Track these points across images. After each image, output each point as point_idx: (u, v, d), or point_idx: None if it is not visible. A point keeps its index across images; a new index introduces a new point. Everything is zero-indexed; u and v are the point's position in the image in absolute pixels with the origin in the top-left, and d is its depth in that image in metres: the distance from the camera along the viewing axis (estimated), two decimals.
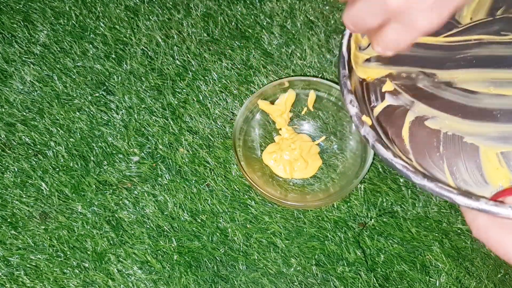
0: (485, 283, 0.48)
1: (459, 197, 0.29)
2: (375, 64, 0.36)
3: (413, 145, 0.35)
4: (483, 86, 0.36)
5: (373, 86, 0.36)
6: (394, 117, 0.36)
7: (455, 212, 0.50)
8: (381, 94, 0.36)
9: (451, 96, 0.36)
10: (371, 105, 0.36)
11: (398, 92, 0.36)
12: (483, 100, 0.35)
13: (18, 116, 0.54)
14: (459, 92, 0.36)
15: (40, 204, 0.51)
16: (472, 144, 0.35)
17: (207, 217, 0.50)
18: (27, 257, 0.49)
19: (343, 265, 0.49)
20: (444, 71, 0.36)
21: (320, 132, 0.52)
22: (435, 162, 0.35)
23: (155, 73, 0.55)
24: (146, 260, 0.49)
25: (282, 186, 0.51)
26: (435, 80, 0.36)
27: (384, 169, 0.51)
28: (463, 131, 0.35)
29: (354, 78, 0.35)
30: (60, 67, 0.55)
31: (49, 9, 0.57)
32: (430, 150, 0.35)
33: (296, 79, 0.50)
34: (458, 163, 0.35)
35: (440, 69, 0.36)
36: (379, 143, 0.32)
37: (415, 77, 0.37)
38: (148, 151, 0.52)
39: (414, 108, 0.36)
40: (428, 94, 0.36)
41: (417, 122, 0.36)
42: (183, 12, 0.57)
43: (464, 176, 0.34)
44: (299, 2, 0.56)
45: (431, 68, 0.36)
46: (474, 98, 0.36)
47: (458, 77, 0.36)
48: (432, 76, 0.36)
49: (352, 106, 0.33)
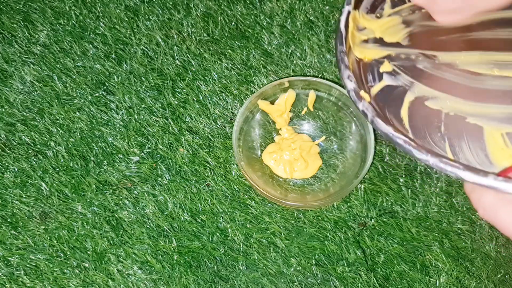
0: (485, 283, 0.48)
1: (466, 173, 0.27)
2: (373, 45, 0.36)
3: (413, 125, 0.34)
4: (486, 68, 0.35)
5: (370, 66, 0.35)
6: (392, 97, 0.35)
7: (455, 212, 0.50)
8: (378, 74, 0.35)
9: (453, 77, 0.35)
10: (368, 85, 0.35)
11: (397, 72, 0.35)
12: (486, 81, 0.34)
13: (18, 116, 0.54)
14: (461, 74, 0.35)
15: (40, 204, 0.51)
16: (476, 124, 0.34)
17: (207, 217, 0.50)
18: (27, 257, 0.49)
19: (343, 265, 0.49)
20: (445, 53, 0.35)
21: (320, 132, 0.52)
22: (436, 143, 0.33)
23: (155, 73, 0.55)
24: (146, 260, 0.49)
25: (282, 186, 0.51)
26: (436, 62, 0.35)
27: (384, 169, 0.51)
28: (465, 112, 0.34)
29: (352, 57, 0.34)
30: (60, 67, 0.55)
31: (49, 9, 0.57)
32: (431, 130, 0.34)
33: (296, 79, 0.50)
34: (461, 143, 0.33)
35: (441, 51, 0.35)
36: (378, 118, 0.31)
37: (415, 58, 0.35)
38: (148, 151, 0.52)
39: (413, 88, 0.35)
40: (429, 75, 0.35)
41: (416, 103, 0.35)
42: (183, 12, 0.57)
43: (468, 156, 0.33)
44: (299, 2, 0.56)
45: (431, 50, 0.35)
46: (477, 79, 0.34)
47: (460, 59, 0.35)
48: (433, 58, 0.35)
49: (350, 81, 0.32)
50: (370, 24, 0.37)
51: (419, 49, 0.36)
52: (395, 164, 0.51)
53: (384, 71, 0.35)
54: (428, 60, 0.35)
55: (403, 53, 0.36)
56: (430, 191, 0.50)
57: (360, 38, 0.35)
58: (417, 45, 0.36)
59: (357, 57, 0.35)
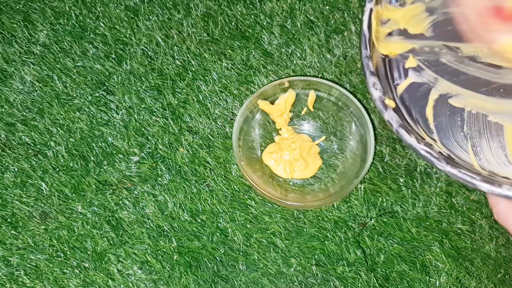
0: (485, 283, 0.48)
1: (482, 184, 0.29)
2: (398, 38, 0.35)
3: (437, 124, 0.34)
4: (508, 60, 0.34)
5: (396, 62, 0.35)
6: (417, 95, 0.35)
7: (455, 212, 0.50)
8: (404, 71, 0.35)
9: (475, 71, 0.35)
10: (394, 83, 0.35)
11: (421, 68, 0.35)
12: (508, 75, 0.34)
13: (18, 116, 0.54)
14: (483, 67, 0.35)
15: (40, 204, 0.51)
16: (497, 122, 0.34)
17: (207, 217, 0.50)
18: (27, 257, 0.49)
19: (343, 265, 0.49)
20: (468, 45, 0.35)
21: (320, 132, 0.52)
22: (459, 142, 0.34)
23: (155, 73, 0.55)
24: (146, 260, 0.49)
25: (282, 186, 0.51)
26: (459, 55, 0.35)
27: (384, 169, 0.51)
28: (487, 109, 0.34)
29: (376, 57, 0.34)
30: (60, 67, 0.55)
31: (49, 9, 0.57)
32: (454, 129, 0.34)
33: (296, 79, 0.50)
34: (482, 142, 0.34)
35: (464, 42, 0.35)
36: (402, 129, 0.31)
37: (439, 51, 0.35)
38: (148, 151, 0.52)
39: (437, 85, 0.35)
40: (452, 70, 0.35)
41: (440, 100, 0.35)
42: (183, 12, 0.57)
43: (488, 156, 0.33)
44: (299, 2, 0.56)
45: (454, 41, 0.35)
46: (498, 73, 0.34)
47: (482, 50, 0.35)
48: (456, 50, 0.35)
49: (375, 89, 0.32)
50: (394, 15, 0.36)
51: (442, 41, 0.35)
52: (395, 164, 0.51)
53: (409, 66, 0.35)
54: (452, 53, 0.35)
55: (427, 46, 0.36)
56: (430, 191, 0.50)
57: (385, 32, 0.35)
58: (440, 36, 0.35)
59: (382, 54, 0.35)
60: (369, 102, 0.53)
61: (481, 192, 0.31)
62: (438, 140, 0.34)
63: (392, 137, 0.52)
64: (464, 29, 0.35)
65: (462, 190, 0.50)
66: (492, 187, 0.29)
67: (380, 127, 0.52)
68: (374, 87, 0.32)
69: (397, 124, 0.32)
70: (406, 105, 0.35)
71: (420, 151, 0.31)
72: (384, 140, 0.52)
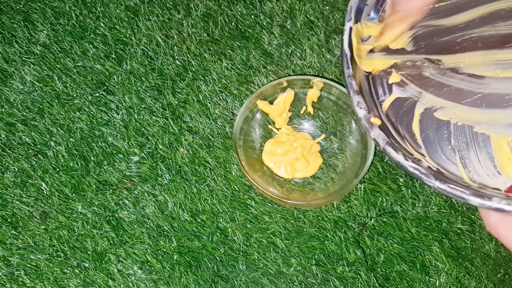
0: (485, 283, 0.48)
1: (472, 198, 0.29)
2: (379, 54, 0.36)
3: (425, 139, 0.35)
4: (490, 69, 0.34)
5: (380, 78, 0.36)
6: (403, 111, 0.35)
7: (455, 212, 0.50)
8: (388, 87, 0.36)
9: (458, 83, 0.35)
10: (379, 100, 0.35)
11: (405, 83, 0.36)
12: (491, 85, 0.34)
13: (18, 116, 0.54)
14: (466, 78, 0.35)
15: (40, 204, 0.51)
16: (483, 133, 0.34)
17: (207, 217, 0.50)
18: (27, 257, 0.49)
19: (343, 265, 0.49)
20: (449, 56, 0.35)
21: (320, 132, 0.53)
22: (447, 156, 0.34)
23: (155, 73, 0.55)
24: (146, 260, 0.49)
25: (283, 185, 0.51)
26: (441, 67, 0.35)
27: (384, 169, 0.51)
28: (473, 120, 0.34)
29: (359, 75, 0.34)
30: (60, 67, 0.55)
31: (49, 9, 0.57)
32: (442, 143, 0.34)
33: (294, 79, 0.50)
34: (471, 154, 0.34)
35: (445, 54, 0.35)
36: (389, 146, 0.31)
37: (421, 64, 0.36)
38: (148, 151, 0.52)
39: (422, 99, 0.35)
40: (435, 82, 0.35)
41: (426, 114, 0.35)
42: (183, 12, 0.57)
43: (477, 168, 0.33)
44: (299, 2, 0.56)
45: (436, 54, 0.36)
46: (481, 83, 0.34)
47: (464, 61, 0.35)
48: (438, 63, 0.35)
49: (360, 108, 0.32)
50: (374, 31, 0.37)
51: (424, 54, 0.36)
52: (395, 164, 0.51)
53: (393, 81, 0.36)
54: (434, 66, 0.35)
55: (409, 60, 0.36)
56: (430, 191, 0.50)
57: (366, 49, 0.36)
58: (421, 49, 0.36)
59: (365, 71, 0.35)
60: None
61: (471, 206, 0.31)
62: (427, 154, 0.34)
63: None
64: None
65: None
66: (483, 201, 0.29)
67: None
68: (359, 106, 0.32)
69: (384, 142, 0.32)
70: (392, 121, 0.35)
71: (408, 168, 0.31)
72: None
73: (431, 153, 0.34)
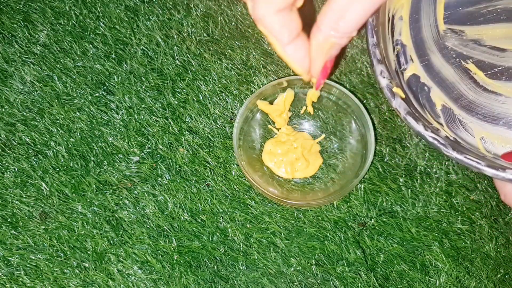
0: (485, 283, 0.48)
1: (487, 169, 0.30)
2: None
3: (443, 109, 0.35)
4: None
5: (403, 48, 0.35)
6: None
7: (455, 212, 0.50)
8: (410, 55, 0.35)
9: (480, 55, 0.35)
10: (401, 68, 0.35)
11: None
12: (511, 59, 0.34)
13: (18, 116, 0.54)
14: (488, 50, 0.35)
15: (40, 204, 0.51)
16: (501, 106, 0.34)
17: (207, 217, 0.50)
18: (27, 257, 0.49)
19: (343, 265, 0.49)
20: (472, 27, 0.35)
21: (320, 132, 0.53)
22: (464, 126, 0.34)
23: (155, 73, 0.55)
24: (146, 260, 0.49)
25: (283, 185, 0.51)
26: (464, 38, 0.35)
27: (384, 169, 0.51)
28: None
29: (383, 43, 0.34)
30: (60, 67, 0.55)
31: (49, 9, 0.57)
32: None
33: (294, 79, 0.50)
34: (487, 125, 0.34)
35: (469, 25, 0.35)
36: (410, 116, 0.31)
37: (444, 35, 0.35)
38: (148, 151, 0.52)
39: None
40: (457, 53, 0.35)
41: None
42: (183, 12, 0.57)
43: (492, 139, 0.34)
44: None
45: (459, 24, 0.35)
46: (502, 56, 0.34)
47: (486, 33, 0.35)
48: (460, 34, 0.35)
49: (383, 77, 0.32)
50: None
51: (447, 24, 0.35)
52: (395, 164, 0.51)
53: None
54: (456, 36, 0.35)
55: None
56: (430, 191, 0.50)
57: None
58: (446, 19, 0.35)
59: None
60: (369, 102, 0.53)
61: (486, 176, 0.31)
62: (445, 124, 0.34)
63: (392, 137, 0.52)
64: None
65: (462, 190, 0.50)
66: (497, 172, 0.29)
67: (380, 127, 0.52)
68: (382, 75, 0.32)
69: (405, 111, 0.31)
70: (413, 90, 0.35)
71: (428, 138, 0.31)
72: (384, 140, 0.52)
73: (449, 123, 0.34)
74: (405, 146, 0.51)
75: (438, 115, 0.35)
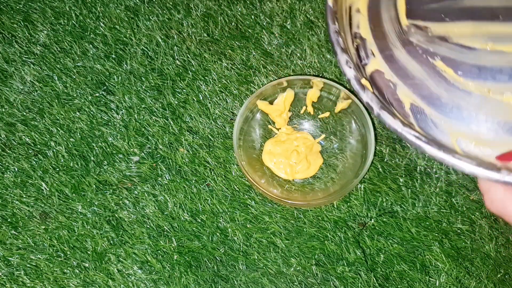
0: (485, 283, 0.48)
1: (479, 169, 0.27)
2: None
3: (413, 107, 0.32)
4: (481, 41, 0.32)
5: (363, 41, 0.33)
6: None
7: (455, 212, 0.50)
8: (371, 50, 0.33)
9: (447, 52, 0.32)
10: (362, 63, 0.32)
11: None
12: (482, 57, 0.32)
13: (18, 116, 0.54)
14: (455, 48, 0.32)
15: (40, 204, 0.51)
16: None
17: (207, 217, 0.50)
18: (27, 257, 0.49)
19: (343, 265, 0.49)
20: (437, 24, 0.33)
21: (320, 132, 0.53)
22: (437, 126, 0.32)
23: (155, 73, 0.55)
24: (146, 260, 0.49)
25: (283, 185, 0.51)
26: (429, 35, 0.33)
27: (384, 169, 0.51)
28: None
29: (345, 32, 0.32)
30: (60, 67, 0.55)
31: (49, 9, 0.57)
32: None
33: (294, 79, 0.50)
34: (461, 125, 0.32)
35: (433, 21, 0.33)
36: (384, 111, 0.28)
37: (407, 30, 0.33)
38: (148, 151, 0.52)
39: None
40: (423, 50, 0.33)
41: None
42: (183, 12, 0.57)
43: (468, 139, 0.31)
44: (299, 2, 0.56)
45: (423, 20, 0.33)
46: (472, 54, 0.32)
47: (453, 31, 0.33)
48: (425, 30, 0.33)
49: (349, 67, 0.29)
50: None
51: (411, 19, 0.33)
52: (395, 164, 0.51)
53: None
54: (421, 32, 0.33)
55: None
56: (430, 191, 0.50)
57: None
58: (408, 14, 0.33)
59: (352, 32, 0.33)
60: None
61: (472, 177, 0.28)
62: (415, 124, 0.31)
63: (392, 137, 0.52)
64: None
65: (462, 190, 0.50)
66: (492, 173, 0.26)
67: (380, 127, 0.52)
68: (348, 65, 0.29)
69: (378, 106, 0.28)
70: (378, 86, 0.32)
71: (408, 136, 0.27)
72: (384, 140, 0.52)
73: (420, 122, 0.31)
74: (405, 146, 0.51)
75: (407, 115, 0.32)
